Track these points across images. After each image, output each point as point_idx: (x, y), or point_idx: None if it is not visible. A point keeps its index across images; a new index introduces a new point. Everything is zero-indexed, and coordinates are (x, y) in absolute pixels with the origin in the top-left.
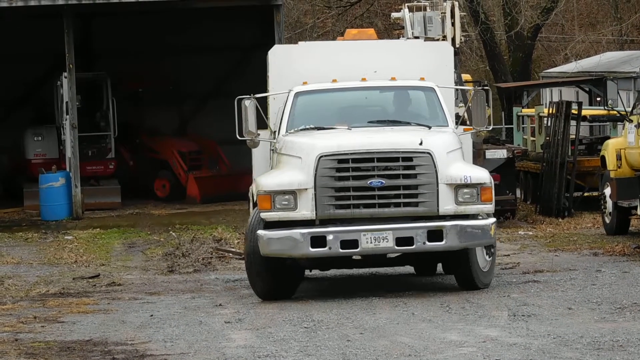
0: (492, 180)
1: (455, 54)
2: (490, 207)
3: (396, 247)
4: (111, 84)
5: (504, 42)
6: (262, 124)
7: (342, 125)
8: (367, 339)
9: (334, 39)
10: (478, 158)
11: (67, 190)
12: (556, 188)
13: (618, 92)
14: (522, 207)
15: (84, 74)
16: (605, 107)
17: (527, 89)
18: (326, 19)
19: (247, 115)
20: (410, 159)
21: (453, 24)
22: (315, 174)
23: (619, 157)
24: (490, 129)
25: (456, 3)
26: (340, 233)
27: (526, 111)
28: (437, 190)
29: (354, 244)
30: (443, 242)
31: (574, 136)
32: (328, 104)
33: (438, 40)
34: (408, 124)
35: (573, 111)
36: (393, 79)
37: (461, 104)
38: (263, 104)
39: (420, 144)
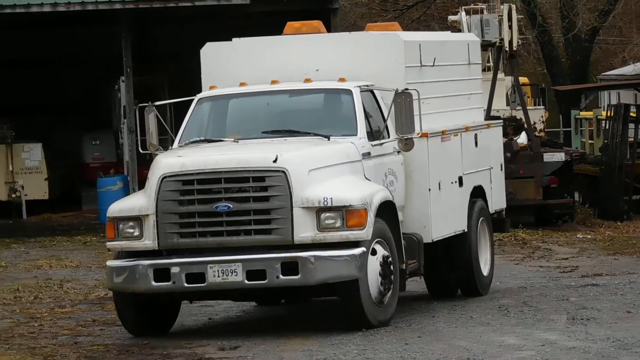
0: (371, 203)
1: (512, 57)
2: (360, 233)
3: (246, 282)
4: (168, 87)
5: (561, 45)
6: None
7: (235, 136)
8: (425, 342)
9: None
10: (536, 161)
11: (125, 194)
12: (614, 191)
13: None
14: (580, 210)
15: (141, 78)
16: None
17: (584, 91)
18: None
19: (149, 125)
20: (262, 179)
21: (510, 27)
22: (157, 198)
23: None
24: (418, 135)
25: (513, 6)
26: (185, 265)
27: (584, 114)
28: (292, 215)
29: (200, 277)
30: (298, 276)
31: (632, 139)
32: (230, 111)
33: (495, 42)
34: (307, 134)
35: (631, 114)
36: (307, 80)
37: (518, 107)
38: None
39: (275, 160)
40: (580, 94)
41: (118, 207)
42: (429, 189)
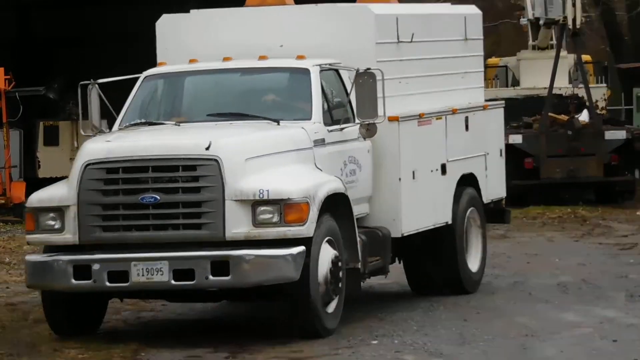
0: (315, 196)
1: (575, 35)
2: (299, 230)
3: (173, 282)
4: None
5: (625, 23)
6: None
7: (180, 118)
8: (484, 319)
9: None
10: (597, 139)
11: None
12: None
13: None
14: None
15: None
16: None
17: None
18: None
19: (90, 105)
20: (193, 168)
21: (574, 5)
22: (79, 187)
23: None
24: (381, 121)
25: None
26: (107, 262)
27: None
28: (224, 209)
29: (123, 276)
30: (229, 277)
31: None
32: (177, 91)
33: (558, 20)
34: (256, 117)
35: None
36: (262, 58)
37: (581, 85)
38: None
39: (208, 148)
40: None
41: (38, 197)
42: (400, 179)
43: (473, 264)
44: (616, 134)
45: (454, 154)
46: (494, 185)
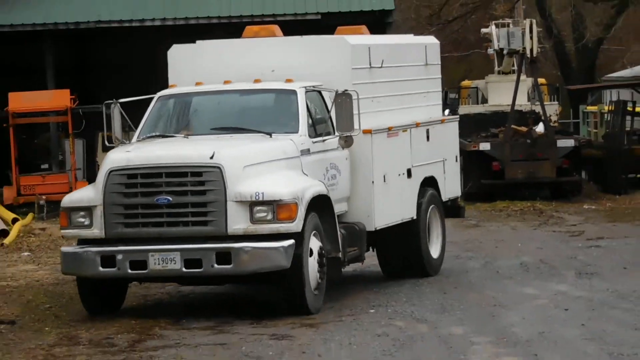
0: (302, 197)
1: (533, 62)
2: (290, 226)
3: (184, 270)
4: None
5: (572, 52)
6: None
7: (188, 132)
8: (461, 292)
9: None
10: (551, 146)
11: None
12: (615, 171)
13: None
14: (586, 186)
15: None
16: None
17: (591, 90)
18: (428, 33)
19: (113, 121)
20: (199, 174)
21: (531, 38)
22: (105, 190)
23: None
24: (357, 134)
25: (534, 20)
26: (129, 253)
27: (590, 108)
28: (226, 208)
29: (142, 264)
30: (231, 266)
31: (629, 129)
32: (185, 108)
33: (519, 50)
34: (252, 131)
35: (629, 108)
36: (257, 81)
37: (537, 103)
38: None
39: (212, 157)
40: (588, 92)
41: (70, 198)
42: (373, 182)
43: (434, 252)
44: (566, 143)
45: (418, 160)
46: (451, 186)
